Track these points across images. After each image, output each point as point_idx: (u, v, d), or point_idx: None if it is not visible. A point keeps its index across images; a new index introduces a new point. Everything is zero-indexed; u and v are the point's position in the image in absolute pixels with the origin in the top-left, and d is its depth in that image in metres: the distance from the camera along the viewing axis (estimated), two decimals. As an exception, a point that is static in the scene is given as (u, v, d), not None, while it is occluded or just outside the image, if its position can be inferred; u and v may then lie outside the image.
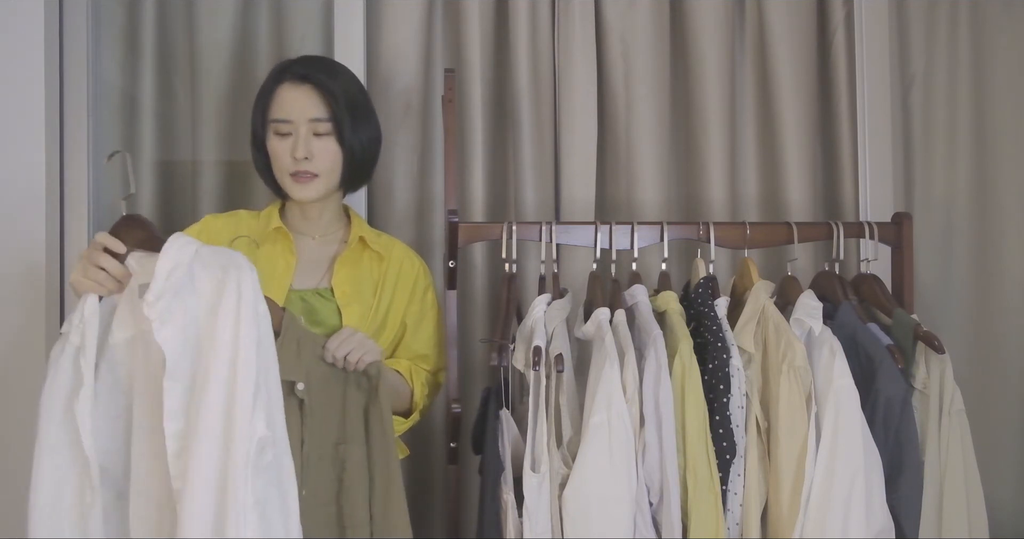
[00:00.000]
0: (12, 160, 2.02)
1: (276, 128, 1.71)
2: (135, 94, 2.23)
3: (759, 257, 1.98)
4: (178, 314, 1.31)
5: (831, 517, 1.54)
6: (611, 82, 2.25)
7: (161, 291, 1.30)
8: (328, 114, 1.70)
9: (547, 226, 1.83)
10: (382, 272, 1.79)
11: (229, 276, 1.33)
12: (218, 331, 1.30)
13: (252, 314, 1.32)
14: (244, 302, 1.31)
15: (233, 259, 1.36)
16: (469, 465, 1.97)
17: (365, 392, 1.56)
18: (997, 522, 1.78)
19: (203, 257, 1.35)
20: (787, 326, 1.67)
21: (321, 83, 1.70)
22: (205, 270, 1.34)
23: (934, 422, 1.67)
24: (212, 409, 1.27)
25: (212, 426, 1.26)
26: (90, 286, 1.38)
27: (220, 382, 1.28)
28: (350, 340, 1.55)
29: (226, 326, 1.30)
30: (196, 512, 1.25)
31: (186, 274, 1.32)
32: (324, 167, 1.71)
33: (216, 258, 1.36)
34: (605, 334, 1.61)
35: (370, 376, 1.55)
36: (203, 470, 1.26)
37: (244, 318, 1.31)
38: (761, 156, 2.31)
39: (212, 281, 1.33)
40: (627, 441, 1.54)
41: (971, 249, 2.37)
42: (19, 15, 2.04)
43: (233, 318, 1.30)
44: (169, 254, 1.33)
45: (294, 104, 1.70)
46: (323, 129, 1.70)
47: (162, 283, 1.30)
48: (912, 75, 2.38)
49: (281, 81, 1.72)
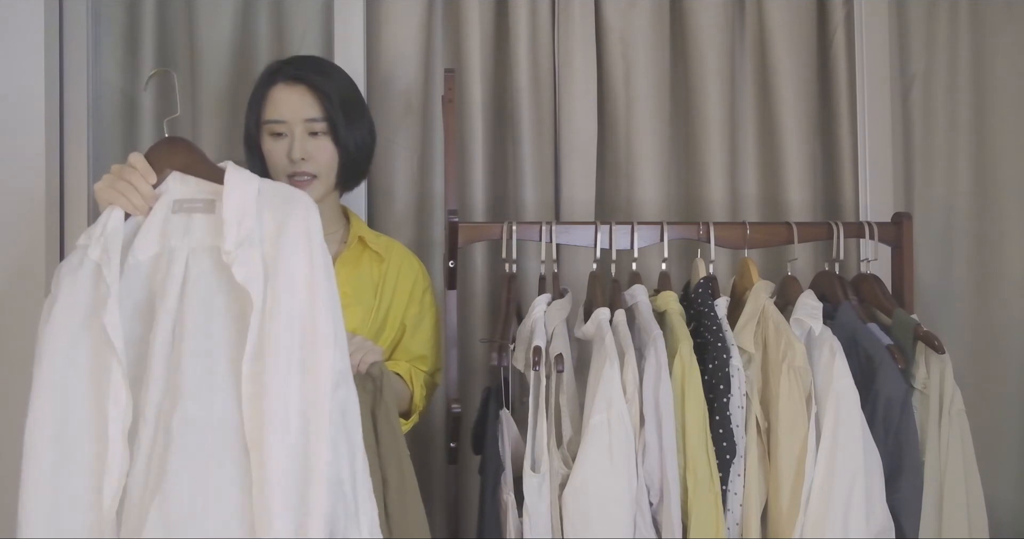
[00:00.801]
0: (12, 160, 2.02)
1: (270, 129, 1.71)
2: (135, 94, 2.23)
3: (759, 257, 1.97)
4: (255, 256, 1.28)
5: (831, 517, 1.54)
6: (611, 82, 2.25)
7: (238, 239, 1.27)
8: (322, 114, 1.69)
9: (547, 226, 1.83)
10: (382, 273, 1.79)
11: (295, 211, 1.30)
12: (291, 266, 1.27)
13: (321, 247, 1.30)
14: (313, 236, 1.30)
15: (293, 194, 1.34)
16: (469, 465, 1.97)
17: (370, 393, 1.56)
18: (997, 522, 1.78)
19: (265, 195, 1.32)
20: (787, 326, 1.67)
21: (314, 83, 1.70)
22: (269, 209, 1.31)
23: (934, 422, 1.67)
24: (290, 342, 1.25)
25: (291, 360, 1.24)
26: (114, 197, 1.34)
27: (298, 316, 1.26)
28: (349, 344, 1.54)
29: (298, 261, 1.28)
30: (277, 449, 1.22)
31: (256, 218, 1.29)
32: (321, 167, 1.71)
33: (277, 194, 1.33)
34: (605, 334, 1.61)
35: (374, 377, 1.55)
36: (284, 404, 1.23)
37: (315, 251, 1.29)
38: (761, 156, 2.31)
39: (276, 219, 1.30)
40: (627, 441, 1.54)
41: (971, 249, 2.37)
42: (19, 15, 2.03)
43: (305, 251, 1.28)
44: (234, 195, 1.30)
45: (288, 105, 1.70)
46: (318, 129, 1.70)
47: (235, 230, 1.28)
48: (912, 75, 2.38)
49: (274, 82, 1.72)
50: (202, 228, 1.34)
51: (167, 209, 1.34)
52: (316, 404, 1.25)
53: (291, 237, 1.29)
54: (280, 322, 1.26)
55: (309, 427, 1.24)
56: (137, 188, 1.34)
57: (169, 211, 1.34)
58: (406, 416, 1.76)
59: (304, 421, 1.24)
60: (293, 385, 1.25)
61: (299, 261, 1.29)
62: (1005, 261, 2.35)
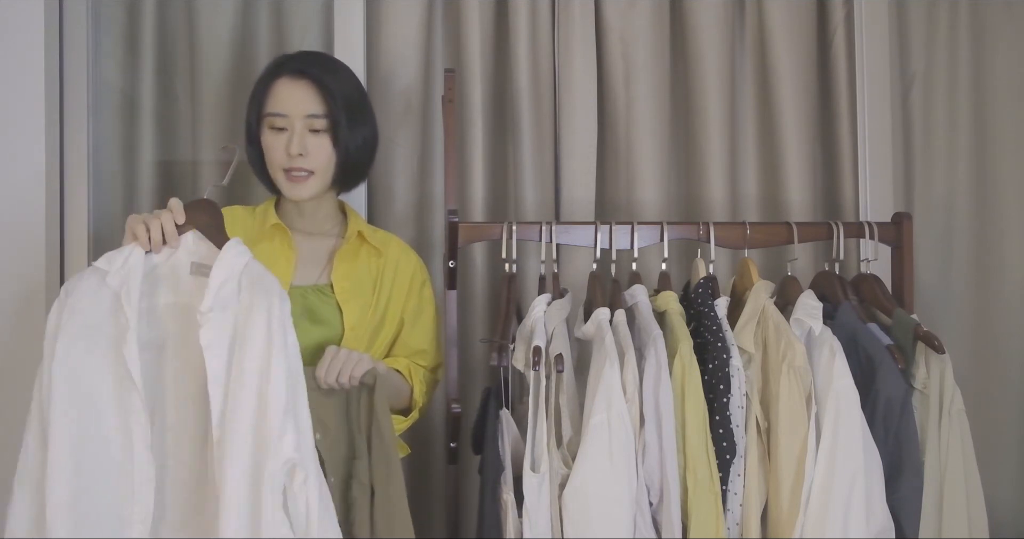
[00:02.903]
0: (12, 160, 2.02)
1: (271, 122, 1.69)
2: (135, 94, 2.23)
3: (759, 257, 1.97)
4: (223, 325, 1.34)
5: (831, 517, 1.54)
6: (611, 82, 2.25)
7: (212, 303, 1.34)
8: (324, 111, 1.68)
9: (547, 226, 1.83)
10: (380, 268, 1.79)
11: (260, 301, 1.35)
12: (247, 359, 1.32)
13: (282, 343, 1.34)
14: (274, 331, 1.34)
15: (268, 283, 1.39)
16: (469, 465, 1.97)
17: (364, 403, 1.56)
18: (997, 522, 1.78)
19: (249, 274, 1.38)
20: (787, 326, 1.67)
21: (319, 79, 1.68)
22: (247, 290, 1.37)
23: (934, 422, 1.67)
24: (242, 425, 1.30)
25: (242, 441, 1.30)
26: (139, 228, 1.42)
27: (250, 403, 1.31)
28: (335, 361, 1.53)
29: (255, 351, 1.33)
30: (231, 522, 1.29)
31: (235, 288, 1.36)
32: (319, 164, 1.69)
33: (257, 278, 1.39)
34: (605, 334, 1.61)
35: (368, 386, 1.55)
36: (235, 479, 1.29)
37: (275, 345, 1.33)
38: (761, 156, 2.31)
39: (247, 303, 1.36)
40: (627, 441, 1.54)
41: (971, 249, 2.37)
42: (19, 15, 2.03)
43: (263, 344, 1.33)
44: (225, 261, 1.38)
45: (290, 99, 1.68)
46: (319, 126, 1.68)
47: (214, 294, 1.35)
48: (912, 75, 2.38)
49: (279, 75, 1.70)
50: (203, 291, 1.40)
51: (184, 268, 1.42)
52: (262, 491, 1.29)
53: (253, 330, 1.34)
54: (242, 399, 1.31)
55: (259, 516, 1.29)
56: (163, 224, 1.42)
57: (187, 271, 1.42)
58: (406, 413, 1.76)
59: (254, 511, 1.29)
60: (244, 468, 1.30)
61: (255, 357, 1.33)
62: (1005, 261, 2.35)
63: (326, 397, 1.55)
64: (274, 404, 1.31)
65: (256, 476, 1.29)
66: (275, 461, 1.29)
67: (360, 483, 1.52)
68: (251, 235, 1.74)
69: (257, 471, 1.29)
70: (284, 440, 1.30)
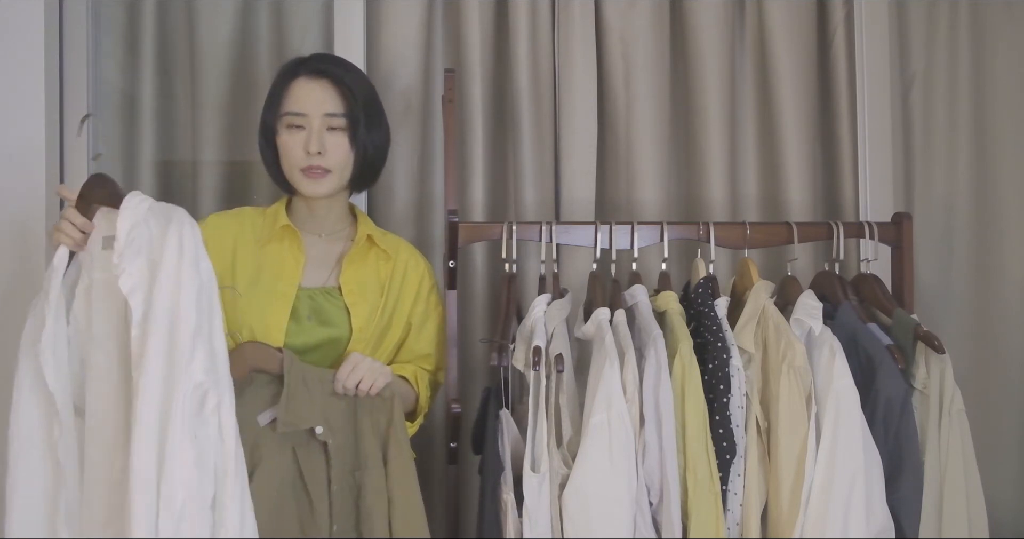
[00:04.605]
0: (12, 160, 2.02)
1: (289, 121, 1.70)
2: (135, 94, 2.23)
3: (759, 257, 1.97)
4: (137, 267, 1.35)
5: (831, 517, 1.54)
6: (611, 82, 2.25)
7: (123, 248, 1.35)
8: (344, 109, 1.69)
9: (547, 226, 1.83)
10: (388, 272, 1.79)
11: (171, 230, 1.37)
12: (157, 289, 1.33)
13: (193, 266, 1.35)
14: (185, 254, 1.35)
15: (175, 213, 1.40)
16: (469, 465, 1.97)
17: (383, 414, 1.57)
18: (997, 522, 1.78)
19: (154, 211, 1.40)
20: (787, 326, 1.67)
21: (339, 78, 1.70)
22: (154, 219, 1.39)
23: (934, 422, 1.67)
24: (154, 355, 1.30)
25: (154, 371, 1.30)
26: (59, 238, 1.45)
27: (161, 331, 1.31)
28: (359, 368, 1.56)
29: (167, 278, 1.34)
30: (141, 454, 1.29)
31: (144, 229, 1.37)
32: (336, 163, 1.70)
33: (162, 212, 1.41)
34: (605, 334, 1.61)
35: (385, 398, 1.56)
36: (146, 413, 1.29)
37: (184, 270, 1.34)
38: (761, 156, 2.31)
39: (159, 225, 1.38)
40: (627, 441, 1.54)
41: (971, 249, 2.37)
42: (19, 15, 2.03)
43: (173, 270, 1.34)
44: (127, 212, 1.39)
45: (310, 97, 1.69)
46: (337, 124, 1.69)
47: (124, 240, 1.36)
48: (912, 75, 2.38)
49: (297, 74, 1.71)
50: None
51: (97, 245, 1.44)
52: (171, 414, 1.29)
53: (165, 255, 1.36)
54: (153, 329, 1.32)
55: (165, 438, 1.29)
56: (75, 223, 1.46)
57: (99, 247, 1.44)
58: (411, 418, 1.76)
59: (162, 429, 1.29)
60: (154, 399, 1.30)
61: (167, 279, 1.34)
62: (1005, 261, 2.35)
63: (333, 396, 1.56)
64: (184, 328, 1.31)
65: (165, 405, 1.29)
66: (184, 385, 1.29)
67: (377, 491, 1.53)
68: (261, 236, 1.75)
69: (167, 399, 1.29)
70: (193, 364, 1.30)
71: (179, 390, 1.29)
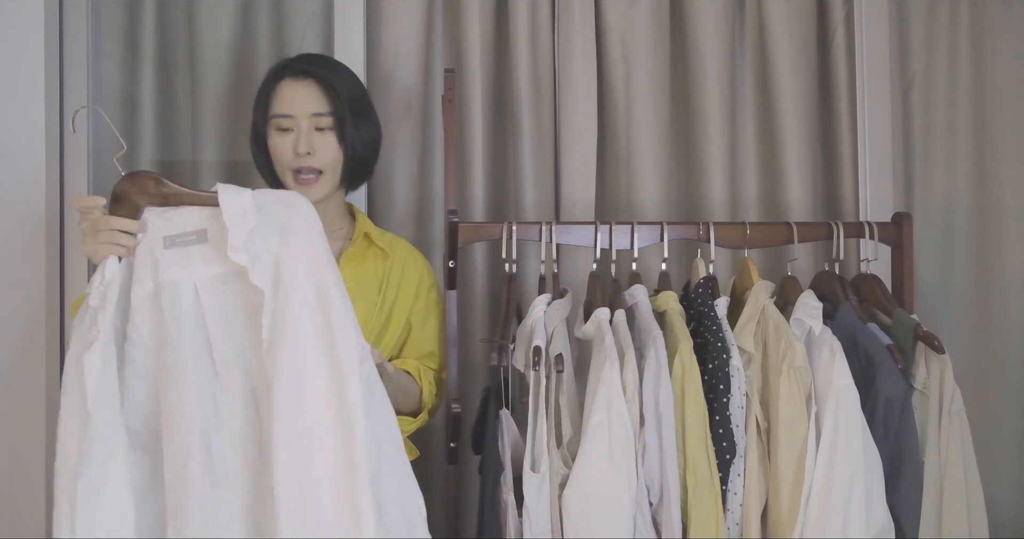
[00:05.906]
0: (12, 160, 2.02)
1: (277, 123, 1.71)
2: (135, 94, 2.23)
3: (759, 257, 1.97)
4: (263, 254, 1.30)
5: (831, 517, 1.54)
6: (611, 82, 2.25)
7: (242, 237, 1.29)
8: (330, 108, 1.70)
9: (547, 226, 1.83)
10: (386, 270, 1.79)
11: (297, 209, 1.34)
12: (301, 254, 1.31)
13: (324, 241, 1.33)
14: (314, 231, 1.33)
15: (292, 195, 1.37)
16: (469, 465, 1.97)
17: None
18: (997, 522, 1.78)
19: (261, 198, 1.34)
20: (787, 326, 1.67)
21: (323, 78, 1.70)
22: (270, 209, 1.34)
23: (934, 422, 1.67)
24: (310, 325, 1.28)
25: (313, 343, 1.27)
26: (110, 250, 1.32)
27: (314, 300, 1.29)
28: None
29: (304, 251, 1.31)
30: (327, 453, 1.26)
31: (256, 216, 1.31)
32: (326, 162, 1.71)
33: (276, 197, 1.36)
34: (605, 334, 1.61)
35: None
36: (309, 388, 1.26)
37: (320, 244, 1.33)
38: (761, 156, 2.31)
39: (279, 216, 1.33)
40: (627, 441, 1.54)
41: (971, 249, 2.37)
42: (19, 15, 2.04)
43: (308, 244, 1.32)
44: (229, 204, 1.31)
45: (296, 99, 1.70)
46: (324, 124, 1.70)
47: (241, 231, 1.29)
48: (912, 75, 2.38)
49: (282, 77, 1.72)
50: (202, 258, 1.34)
51: (158, 245, 1.34)
52: (348, 380, 1.27)
53: (297, 231, 1.32)
54: (294, 309, 1.28)
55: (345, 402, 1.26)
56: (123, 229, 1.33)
57: (161, 247, 1.34)
58: (414, 415, 1.76)
59: (339, 400, 1.26)
60: (321, 366, 1.27)
61: (305, 251, 1.31)
62: (1005, 261, 2.35)
63: None
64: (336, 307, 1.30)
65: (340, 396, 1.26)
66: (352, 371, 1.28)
67: None
68: None
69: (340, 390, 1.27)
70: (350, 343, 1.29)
71: (349, 358, 1.28)
